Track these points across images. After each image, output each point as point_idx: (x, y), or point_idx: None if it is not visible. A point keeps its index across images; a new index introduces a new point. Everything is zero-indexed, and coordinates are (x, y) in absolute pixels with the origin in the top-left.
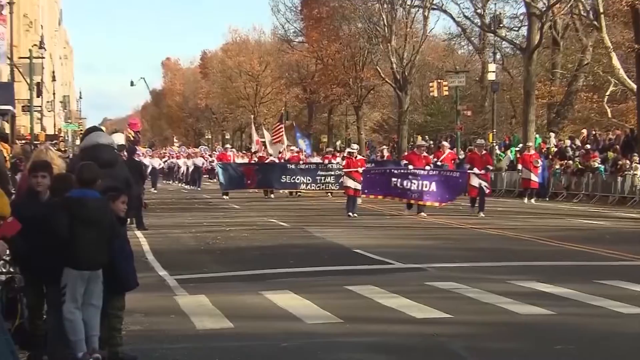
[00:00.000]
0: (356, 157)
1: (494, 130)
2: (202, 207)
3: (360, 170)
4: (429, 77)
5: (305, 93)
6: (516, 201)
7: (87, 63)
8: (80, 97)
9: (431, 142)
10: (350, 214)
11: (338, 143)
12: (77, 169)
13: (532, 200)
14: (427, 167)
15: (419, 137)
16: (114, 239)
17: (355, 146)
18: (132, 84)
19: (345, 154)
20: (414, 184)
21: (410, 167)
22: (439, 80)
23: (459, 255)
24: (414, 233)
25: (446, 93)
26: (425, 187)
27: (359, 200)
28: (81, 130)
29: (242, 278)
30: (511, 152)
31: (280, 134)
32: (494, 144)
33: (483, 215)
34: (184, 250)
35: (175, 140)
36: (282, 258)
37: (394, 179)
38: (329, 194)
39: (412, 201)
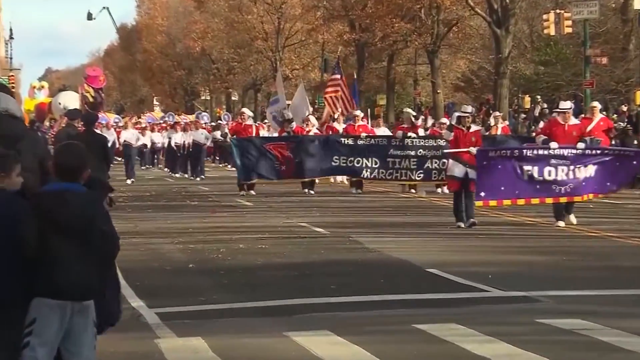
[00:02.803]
0: (469, 127)
1: None
2: (196, 205)
3: (474, 150)
4: (542, 7)
5: (353, 31)
6: None
7: None
8: (12, 37)
9: (545, 106)
10: (462, 224)
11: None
12: (55, 153)
13: None
14: (581, 144)
15: (526, 98)
16: (111, 253)
17: (469, 108)
18: (90, 17)
19: (447, 122)
20: (562, 171)
21: (554, 145)
22: (558, 11)
23: (588, 277)
24: (518, 244)
25: (569, 30)
26: (581, 174)
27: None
28: (13, 85)
29: (258, 312)
30: None
31: (338, 91)
32: None
33: None
34: (170, 270)
35: (155, 102)
36: (317, 282)
37: (526, 167)
38: (409, 186)
39: (563, 199)
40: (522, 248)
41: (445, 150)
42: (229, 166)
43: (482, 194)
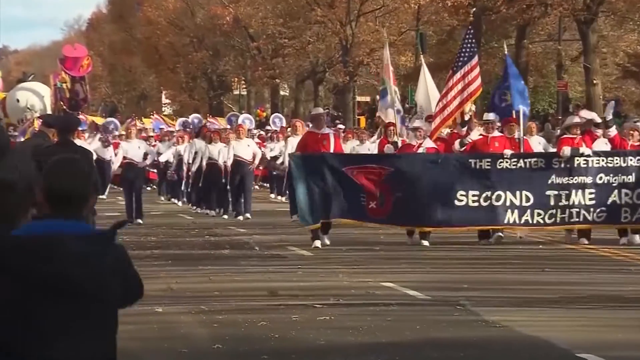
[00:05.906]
0: None
1: None
2: (227, 256)
3: None
4: None
5: None
6: None
7: None
8: None
9: None
10: None
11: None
12: (45, 173)
13: None
14: None
15: None
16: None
17: None
18: None
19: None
20: None
21: None
22: None
23: None
24: None
25: None
26: None
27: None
28: None
29: None
30: None
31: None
32: None
33: None
34: (187, 354)
35: (164, 100)
36: None
37: None
38: (578, 233)
39: None
40: None
41: None
42: (273, 196)
43: None
